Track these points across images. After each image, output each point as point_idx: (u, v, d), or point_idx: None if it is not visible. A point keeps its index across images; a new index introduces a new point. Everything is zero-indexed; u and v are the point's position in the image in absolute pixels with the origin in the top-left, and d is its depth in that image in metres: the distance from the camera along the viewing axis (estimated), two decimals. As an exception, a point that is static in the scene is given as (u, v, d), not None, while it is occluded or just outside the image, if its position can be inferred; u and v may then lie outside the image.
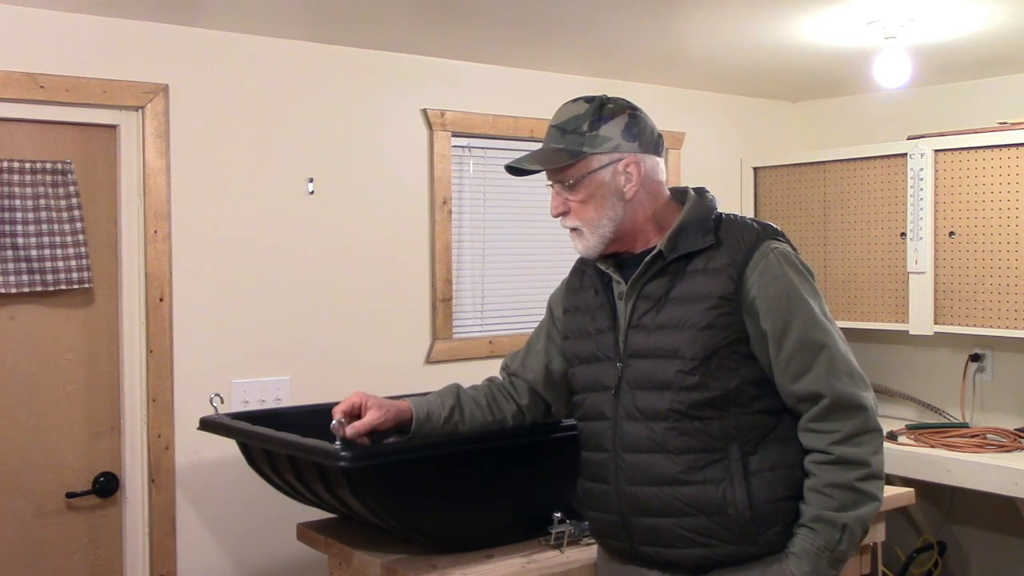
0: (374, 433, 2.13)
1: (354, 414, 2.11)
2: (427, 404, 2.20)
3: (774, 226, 2.01)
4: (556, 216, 2.03)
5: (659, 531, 1.94)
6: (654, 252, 1.96)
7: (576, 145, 1.96)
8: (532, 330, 2.27)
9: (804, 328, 1.90)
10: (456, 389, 2.26)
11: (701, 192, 2.05)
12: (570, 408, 2.25)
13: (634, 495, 1.96)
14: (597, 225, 1.98)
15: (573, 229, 2.01)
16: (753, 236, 1.95)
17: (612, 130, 1.96)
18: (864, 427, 1.90)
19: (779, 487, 1.91)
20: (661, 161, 2.04)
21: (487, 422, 2.24)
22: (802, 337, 1.89)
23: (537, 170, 2.01)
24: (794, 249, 2.00)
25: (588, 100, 2.00)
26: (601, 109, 1.97)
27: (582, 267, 2.18)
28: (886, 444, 2.07)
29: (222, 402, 2.59)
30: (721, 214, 2.01)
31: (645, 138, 1.99)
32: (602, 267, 2.06)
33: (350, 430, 2.08)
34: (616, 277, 2.03)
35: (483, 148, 3.65)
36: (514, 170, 2.04)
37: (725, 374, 1.90)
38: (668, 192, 2.05)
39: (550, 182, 2.03)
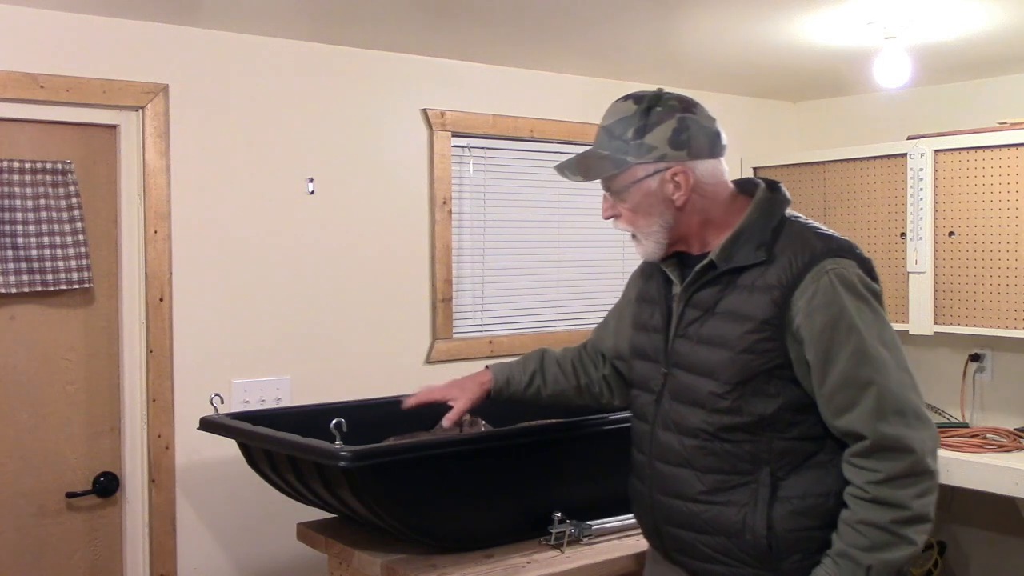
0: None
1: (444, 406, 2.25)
2: (508, 370, 2.25)
3: (839, 241, 1.87)
4: (606, 219, 1.97)
5: (685, 543, 1.92)
6: (705, 262, 1.88)
7: (621, 153, 1.87)
8: (532, 331, 2.28)
9: (850, 363, 1.77)
10: (541, 354, 2.28)
11: (773, 188, 1.94)
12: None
13: (663, 504, 1.94)
14: (649, 232, 1.91)
15: (631, 235, 1.96)
16: (809, 256, 1.82)
17: (658, 138, 1.86)
18: (909, 470, 1.76)
19: (805, 516, 1.83)
20: (718, 161, 1.92)
21: (571, 387, 2.26)
22: (847, 373, 1.77)
23: (580, 180, 1.94)
24: (864, 264, 1.86)
25: (637, 100, 1.89)
26: (648, 114, 1.87)
27: None
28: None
29: (222, 402, 2.59)
30: (785, 220, 1.89)
31: (696, 144, 1.87)
32: (662, 267, 1.99)
33: (445, 422, 2.22)
34: (674, 277, 1.97)
35: (483, 148, 3.65)
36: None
37: (762, 400, 1.82)
38: (731, 186, 1.95)
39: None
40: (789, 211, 1.93)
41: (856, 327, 1.78)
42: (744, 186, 1.97)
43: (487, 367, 2.31)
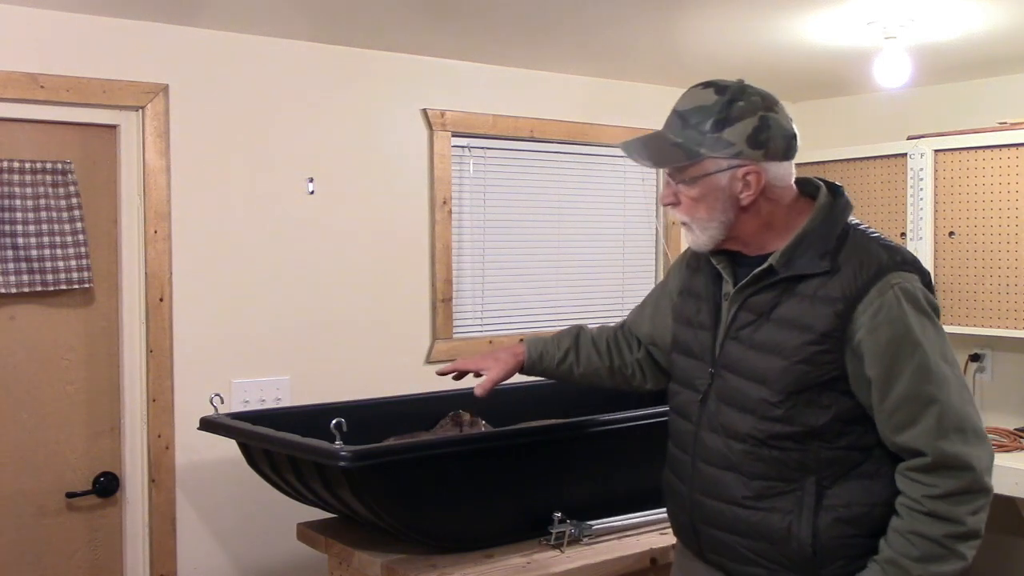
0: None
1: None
2: (542, 344, 2.24)
3: (904, 253, 1.82)
4: (665, 206, 1.94)
5: (724, 545, 1.90)
6: (764, 267, 1.83)
7: (694, 144, 1.81)
8: (532, 330, 2.28)
9: (913, 380, 1.74)
10: (576, 331, 2.27)
11: (836, 193, 1.90)
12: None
13: (704, 505, 1.91)
14: (707, 226, 1.86)
15: (683, 222, 1.91)
16: (874, 268, 1.77)
17: (736, 134, 1.80)
18: (967, 487, 1.73)
19: (850, 525, 1.80)
20: (790, 164, 1.87)
21: (604, 367, 2.23)
22: (910, 390, 1.74)
23: (650, 166, 1.92)
24: (924, 278, 1.82)
25: (720, 90, 1.84)
26: (730, 107, 1.81)
27: None
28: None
29: (222, 402, 2.60)
30: (849, 228, 1.85)
31: (773, 145, 1.82)
32: (714, 262, 1.94)
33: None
34: (726, 276, 1.92)
35: (483, 148, 3.65)
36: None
37: (814, 411, 1.79)
38: (795, 189, 1.90)
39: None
40: (851, 218, 1.89)
41: (920, 344, 1.75)
42: (804, 187, 1.92)
43: (521, 340, 2.31)
